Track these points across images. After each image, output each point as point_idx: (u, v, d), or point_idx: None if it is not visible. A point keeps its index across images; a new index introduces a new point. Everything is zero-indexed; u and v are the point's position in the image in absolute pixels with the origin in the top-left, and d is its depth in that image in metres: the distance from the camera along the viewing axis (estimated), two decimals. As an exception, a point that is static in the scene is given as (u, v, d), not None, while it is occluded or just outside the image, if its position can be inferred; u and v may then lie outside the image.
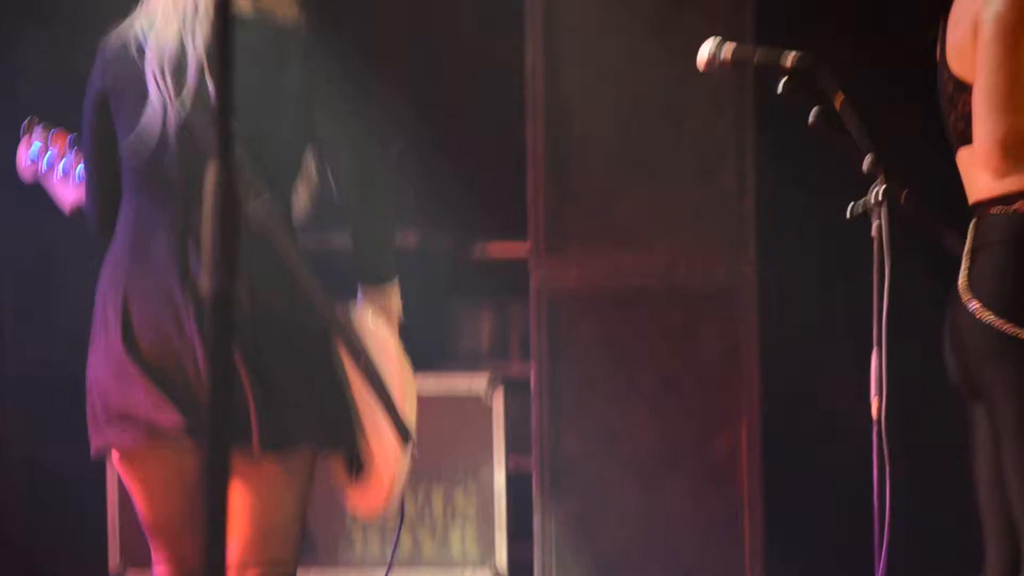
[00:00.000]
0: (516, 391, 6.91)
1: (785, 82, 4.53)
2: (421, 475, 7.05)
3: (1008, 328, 4.20)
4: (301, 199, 4.56)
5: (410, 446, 4.34)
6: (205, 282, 2.21)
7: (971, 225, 4.35)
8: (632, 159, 6.83)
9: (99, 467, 6.75)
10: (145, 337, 3.93)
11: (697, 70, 4.64)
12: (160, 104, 4.05)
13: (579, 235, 6.91)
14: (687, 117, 6.76)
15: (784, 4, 6.77)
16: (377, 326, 4.36)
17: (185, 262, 3.91)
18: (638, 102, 6.75)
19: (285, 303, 3.96)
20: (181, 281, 3.73)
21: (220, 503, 2.33)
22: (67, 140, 4.56)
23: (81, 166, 4.44)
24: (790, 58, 4.56)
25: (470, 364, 7.42)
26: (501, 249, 7.24)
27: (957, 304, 4.32)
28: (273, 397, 4.06)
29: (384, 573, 5.96)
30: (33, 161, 4.57)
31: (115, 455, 4.12)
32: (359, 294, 4.37)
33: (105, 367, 4.01)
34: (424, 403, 5.84)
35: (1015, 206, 4.23)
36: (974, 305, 4.27)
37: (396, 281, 4.35)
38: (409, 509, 7.17)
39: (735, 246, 6.79)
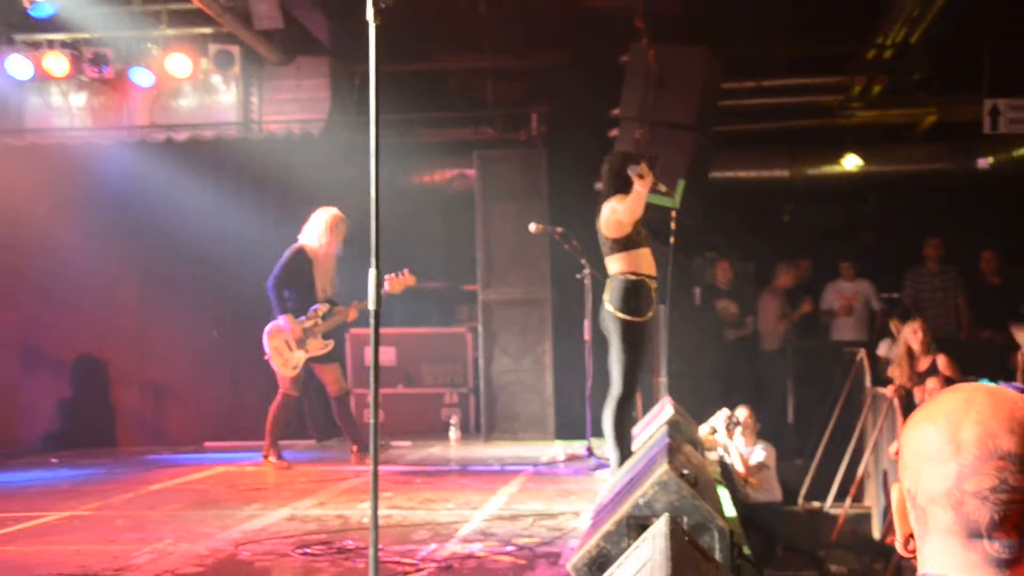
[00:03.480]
0: (476, 333, 9.09)
1: (560, 233, 7.08)
2: (447, 357, 9.23)
3: (613, 311, 5.61)
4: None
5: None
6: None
7: (608, 280, 5.71)
8: (510, 260, 8.90)
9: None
10: None
11: (530, 232, 7.34)
12: None
13: (495, 283, 8.95)
14: (529, 246, 8.67)
15: (567, 207, 8.43)
16: None
17: None
18: (514, 241, 8.80)
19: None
20: None
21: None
22: None
23: None
24: (558, 230, 7.14)
25: (460, 324, 9.68)
26: (469, 287, 9.35)
27: (602, 303, 5.72)
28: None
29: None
30: None
31: None
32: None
33: None
34: (444, 336, 9.16)
35: (618, 275, 5.63)
36: (607, 303, 5.69)
37: None
38: (437, 369, 9.30)
39: (541, 284, 8.88)
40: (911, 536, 1.34)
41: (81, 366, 9.25)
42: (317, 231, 7.16)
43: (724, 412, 7.58)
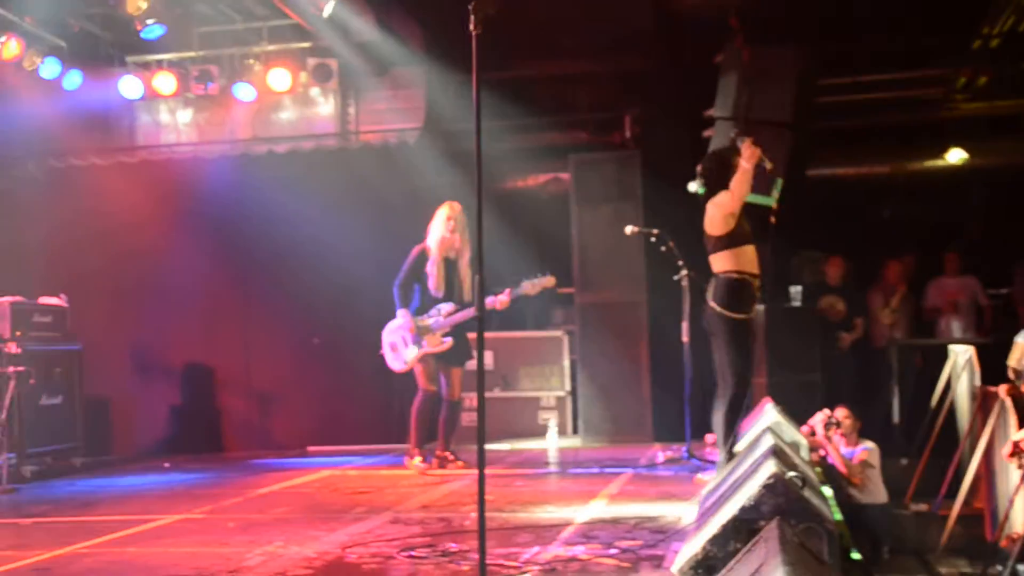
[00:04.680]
0: (572, 336, 9.18)
1: (656, 235, 7.08)
2: (543, 360, 9.12)
3: (718, 309, 5.66)
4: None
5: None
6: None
7: (712, 278, 5.77)
8: (605, 263, 8.92)
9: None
10: None
11: (626, 234, 7.47)
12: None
13: (591, 287, 8.99)
14: (625, 248, 8.57)
15: (662, 209, 8.19)
16: None
17: None
18: (609, 244, 8.76)
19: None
20: None
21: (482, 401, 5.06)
22: None
23: None
24: (655, 232, 7.17)
25: (556, 328, 9.55)
26: (565, 291, 8.95)
27: (706, 301, 5.77)
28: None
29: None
30: None
31: None
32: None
33: None
34: (541, 340, 9.09)
35: (722, 274, 5.69)
36: (710, 301, 5.74)
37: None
38: (534, 373, 9.18)
39: (637, 286, 8.85)
40: None
41: (190, 373, 9.52)
42: (435, 228, 7.09)
43: (824, 413, 7.40)
